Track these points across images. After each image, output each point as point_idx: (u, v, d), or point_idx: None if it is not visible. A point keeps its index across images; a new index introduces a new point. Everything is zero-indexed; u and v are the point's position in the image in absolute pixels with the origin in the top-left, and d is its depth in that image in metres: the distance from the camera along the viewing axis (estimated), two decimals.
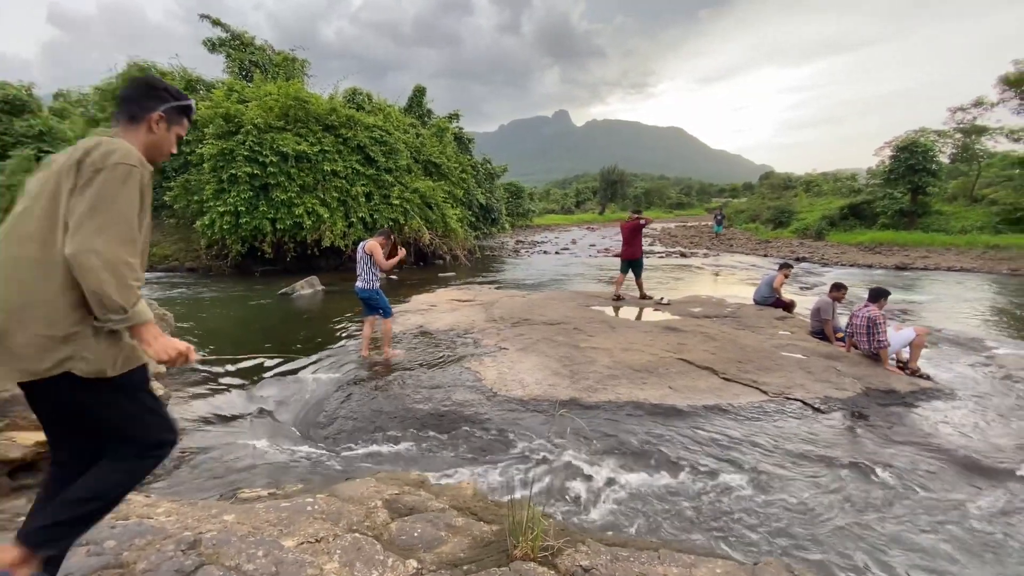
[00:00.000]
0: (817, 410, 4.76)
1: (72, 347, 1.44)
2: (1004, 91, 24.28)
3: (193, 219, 15.88)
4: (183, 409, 4.87)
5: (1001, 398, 5.29)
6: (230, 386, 5.58)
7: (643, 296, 9.70)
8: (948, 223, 23.22)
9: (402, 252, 5.96)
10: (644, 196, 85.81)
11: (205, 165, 15.02)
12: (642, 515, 3.22)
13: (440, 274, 16.79)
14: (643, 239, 9.63)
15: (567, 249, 26.41)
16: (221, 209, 14.64)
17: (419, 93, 25.13)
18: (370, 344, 6.41)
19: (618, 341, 6.52)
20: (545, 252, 25.17)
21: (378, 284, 5.97)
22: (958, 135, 28.04)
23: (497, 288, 12.55)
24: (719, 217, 32.29)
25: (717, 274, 16.90)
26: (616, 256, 9.81)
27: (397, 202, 17.33)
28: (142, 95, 1.72)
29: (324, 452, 4.15)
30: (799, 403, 4.87)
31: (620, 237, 9.83)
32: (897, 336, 6.06)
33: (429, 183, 19.10)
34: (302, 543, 2.18)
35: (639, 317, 8.43)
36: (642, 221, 9.52)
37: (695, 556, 2.22)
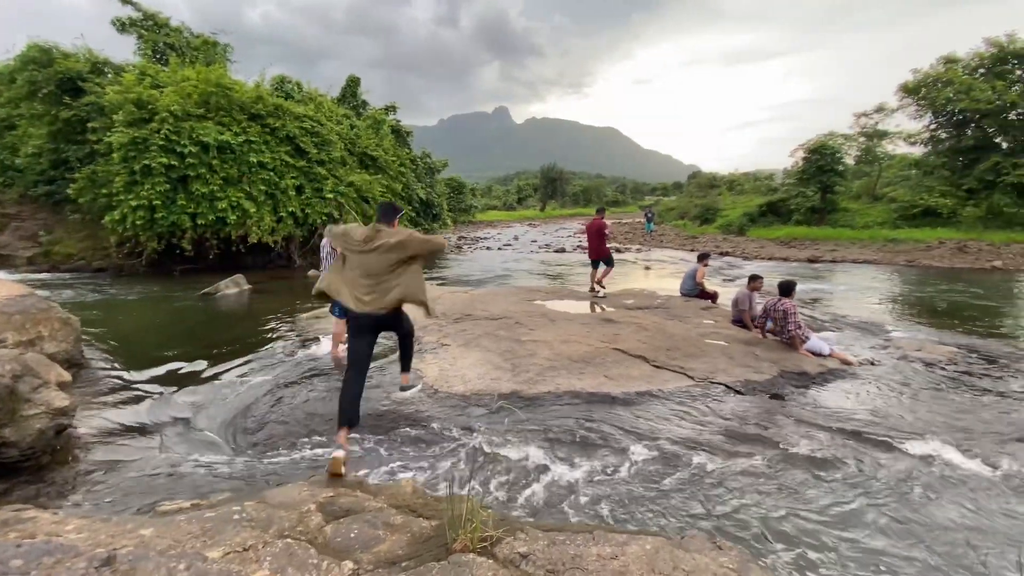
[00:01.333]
0: (738, 392, 5.11)
1: None
2: (903, 98, 26.85)
3: (101, 214, 14.50)
4: (94, 421, 4.48)
5: (898, 377, 5.91)
6: (148, 394, 5.19)
7: (592, 288, 10.15)
8: (853, 219, 25.46)
9: None
10: (582, 194, 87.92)
11: (114, 155, 13.73)
12: (579, 499, 3.33)
13: None
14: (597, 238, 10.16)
15: (509, 245, 26.60)
16: (133, 203, 13.48)
17: (353, 83, 24.31)
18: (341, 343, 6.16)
19: (558, 334, 6.67)
20: (488, 248, 25.22)
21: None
22: (862, 138, 30.83)
23: (440, 284, 12.45)
24: (649, 215, 33.78)
25: (648, 268, 17.64)
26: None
27: (331, 196, 16.73)
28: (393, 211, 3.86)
29: (253, 459, 3.96)
30: (722, 387, 5.20)
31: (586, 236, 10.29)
32: (816, 340, 6.56)
33: (365, 176, 18.56)
34: (228, 553, 2.08)
35: (598, 307, 8.66)
36: (606, 229, 10.11)
37: (627, 535, 2.33)
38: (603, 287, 10.17)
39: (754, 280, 7.56)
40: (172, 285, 12.79)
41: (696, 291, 9.38)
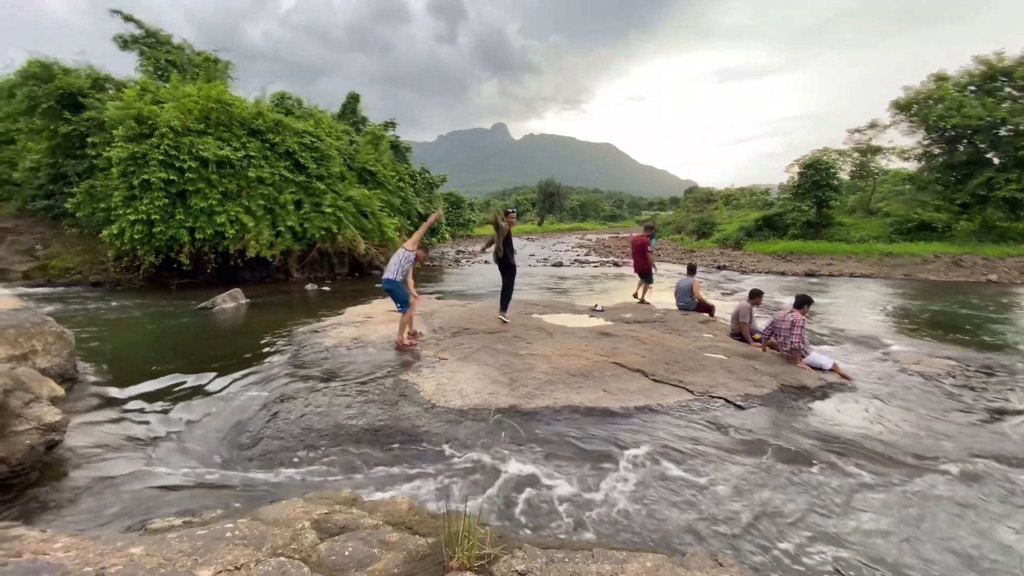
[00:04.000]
0: (738, 407, 5.07)
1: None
2: (895, 114, 27.27)
3: (99, 228, 14.52)
4: (85, 437, 4.42)
5: (896, 390, 5.89)
6: (141, 409, 5.14)
7: (640, 299, 10.39)
8: (848, 233, 25.64)
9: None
10: (580, 208, 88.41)
11: (113, 170, 13.80)
12: (578, 516, 3.28)
13: (377, 285, 16.35)
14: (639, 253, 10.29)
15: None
16: (132, 217, 13.50)
17: (353, 100, 24.53)
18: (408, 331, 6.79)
19: (556, 347, 6.63)
20: (487, 262, 25.17)
21: (401, 279, 6.44)
22: (856, 154, 31.24)
23: (438, 298, 12.42)
24: (653, 231, 33.83)
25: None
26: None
27: (329, 210, 16.77)
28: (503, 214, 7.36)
29: (248, 475, 3.90)
30: (722, 401, 5.17)
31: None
32: (817, 355, 6.54)
33: (364, 191, 18.64)
34: (220, 572, 2.03)
35: (601, 316, 8.63)
36: (648, 245, 10.16)
37: (627, 552, 2.29)
38: (640, 298, 10.33)
39: (754, 296, 7.57)
40: (169, 299, 12.73)
41: (694, 304, 9.38)
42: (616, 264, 23.66)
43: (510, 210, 8.09)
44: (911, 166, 29.06)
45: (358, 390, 5.25)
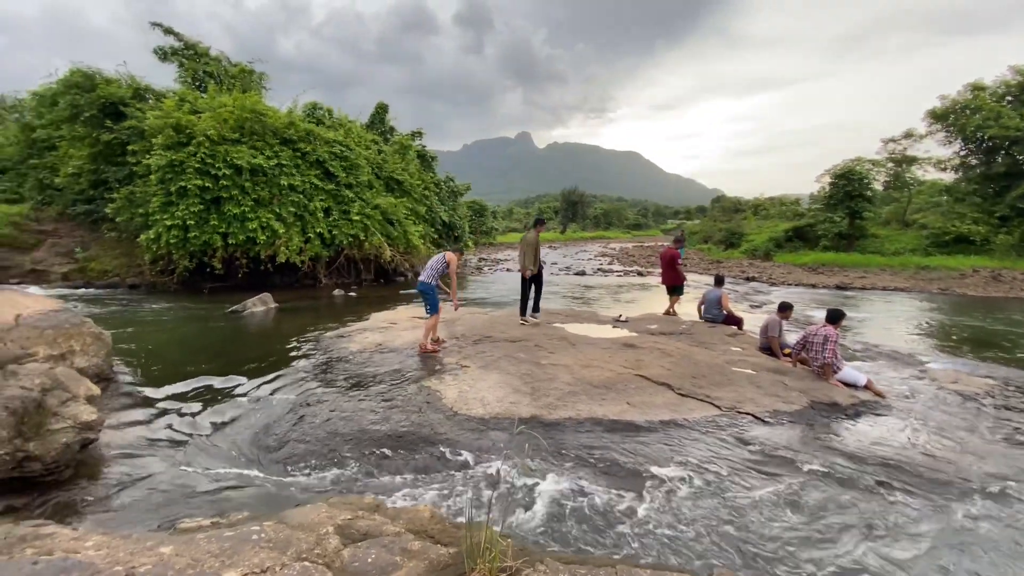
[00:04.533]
0: (767, 423, 4.93)
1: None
2: (931, 124, 26.45)
3: (137, 232, 15.09)
4: (119, 436, 4.55)
5: (934, 410, 5.64)
6: (171, 410, 5.28)
7: (667, 312, 10.26)
8: (883, 245, 24.84)
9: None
10: (603, 217, 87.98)
11: (152, 177, 14.35)
12: (601, 531, 3.22)
13: (401, 291, 16.55)
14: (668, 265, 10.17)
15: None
16: (168, 222, 13.99)
17: (381, 110, 25.01)
18: (432, 337, 7.05)
19: (578, 358, 6.57)
20: (508, 270, 25.27)
21: (435, 283, 6.72)
22: (890, 164, 30.33)
23: (460, 306, 12.47)
24: (682, 242, 33.37)
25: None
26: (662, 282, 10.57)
27: (357, 218, 17.07)
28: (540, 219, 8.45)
29: (273, 478, 3.95)
30: (750, 417, 5.03)
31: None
32: (850, 371, 6.33)
33: (391, 199, 18.93)
34: (246, 574, 2.05)
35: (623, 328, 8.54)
36: (679, 258, 10.02)
37: (651, 570, 2.23)
38: (670, 311, 10.21)
39: (785, 309, 7.38)
40: (201, 302, 13.11)
41: (722, 317, 9.18)
42: (640, 274, 23.41)
43: (542, 218, 8.57)
44: (948, 177, 28.16)
45: (382, 396, 5.30)
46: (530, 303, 8.80)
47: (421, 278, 6.81)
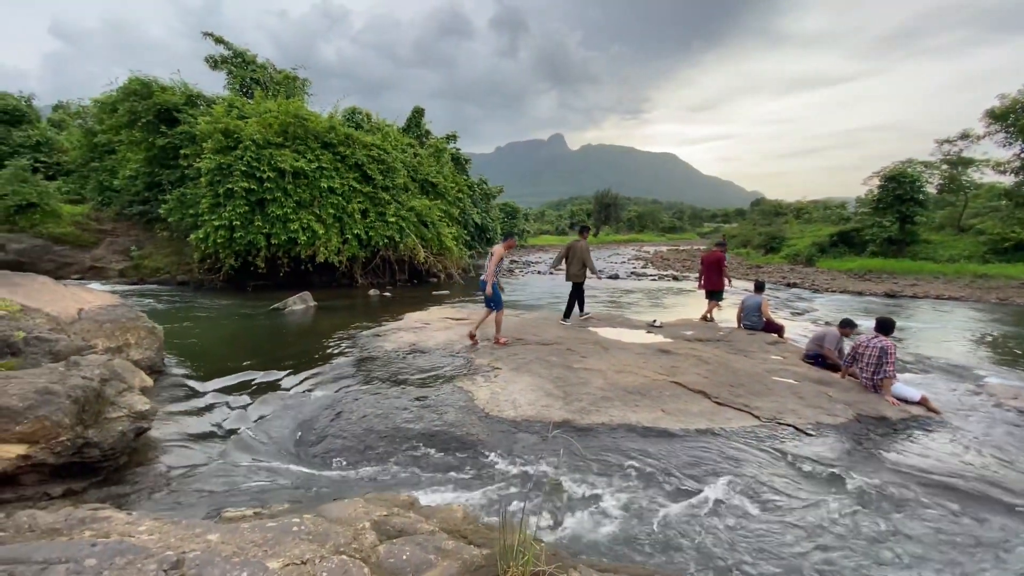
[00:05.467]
0: (809, 435, 4.75)
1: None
2: (989, 124, 24.98)
3: (187, 232, 15.86)
4: (169, 426, 4.78)
5: (992, 427, 5.31)
6: (218, 403, 5.51)
7: (704, 317, 9.96)
8: (936, 252, 23.59)
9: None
10: (637, 220, 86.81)
11: (202, 179, 15.06)
12: (634, 539, 3.17)
13: (434, 292, 16.77)
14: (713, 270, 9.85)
15: (562, 269, 26.51)
16: (216, 223, 14.63)
17: (418, 114, 25.45)
18: (478, 329, 7.54)
19: (611, 363, 6.51)
20: (539, 272, 25.25)
21: (485, 281, 7.08)
22: (944, 166, 28.72)
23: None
24: (725, 247, 32.55)
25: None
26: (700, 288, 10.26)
27: (393, 220, 17.41)
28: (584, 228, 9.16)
29: (312, 471, 4.07)
30: (791, 428, 4.86)
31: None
32: (902, 386, 6.01)
33: (425, 202, 19.22)
34: (288, 565, 2.12)
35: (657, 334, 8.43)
36: (724, 262, 9.81)
37: None
38: (708, 317, 9.95)
39: (848, 326, 7.04)
40: (245, 299, 13.64)
41: (761, 324, 8.90)
42: (675, 278, 22.96)
43: (587, 225, 8.92)
44: (1007, 180, 26.40)
45: (415, 394, 5.38)
46: (575, 309, 9.26)
47: (482, 277, 7.29)
